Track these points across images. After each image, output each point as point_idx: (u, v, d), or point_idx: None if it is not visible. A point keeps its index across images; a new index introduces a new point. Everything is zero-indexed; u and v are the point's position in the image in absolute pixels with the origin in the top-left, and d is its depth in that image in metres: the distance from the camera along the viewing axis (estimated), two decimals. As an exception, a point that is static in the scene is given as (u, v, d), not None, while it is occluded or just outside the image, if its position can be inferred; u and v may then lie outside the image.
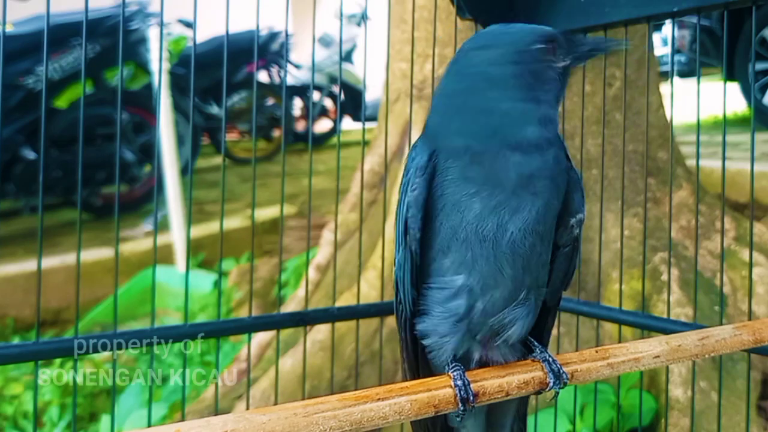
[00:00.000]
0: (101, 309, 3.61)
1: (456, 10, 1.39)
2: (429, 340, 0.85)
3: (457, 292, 0.81)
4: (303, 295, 2.80)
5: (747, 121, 6.05)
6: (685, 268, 2.44)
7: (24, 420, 2.92)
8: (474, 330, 0.83)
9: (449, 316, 0.82)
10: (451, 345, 0.83)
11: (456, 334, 0.83)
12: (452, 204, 0.78)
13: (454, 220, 0.79)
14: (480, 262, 0.79)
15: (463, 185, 0.78)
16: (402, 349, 0.92)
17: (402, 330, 0.90)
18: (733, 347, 0.90)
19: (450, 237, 0.79)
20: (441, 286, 0.82)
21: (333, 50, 7.53)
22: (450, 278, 0.81)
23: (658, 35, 6.45)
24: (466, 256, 0.79)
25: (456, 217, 0.78)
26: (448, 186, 0.79)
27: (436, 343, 0.84)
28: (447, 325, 0.83)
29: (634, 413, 2.11)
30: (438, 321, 0.83)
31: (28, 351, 1.15)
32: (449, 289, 0.81)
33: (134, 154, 5.24)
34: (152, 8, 5.12)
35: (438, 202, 0.79)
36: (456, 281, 0.81)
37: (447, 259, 0.80)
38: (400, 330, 0.91)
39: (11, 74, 4.58)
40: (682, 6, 1.16)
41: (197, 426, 0.63)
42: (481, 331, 0.84)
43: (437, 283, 0.82)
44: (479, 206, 0.77)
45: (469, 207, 0.77)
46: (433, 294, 0.83)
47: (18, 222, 5.19)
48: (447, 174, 0.79)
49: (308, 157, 1.76)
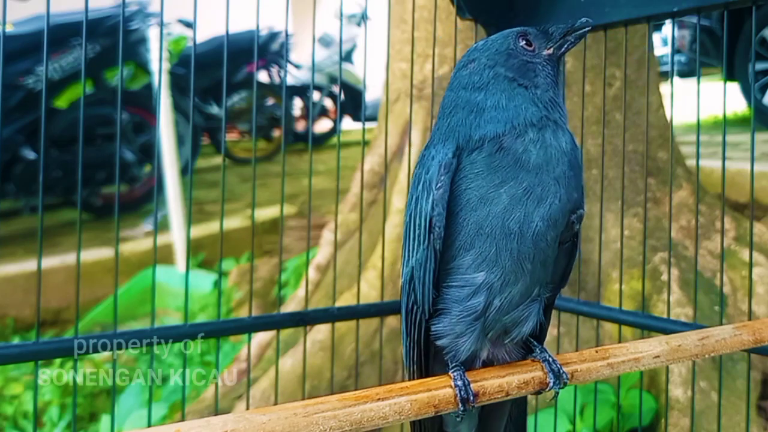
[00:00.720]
0: (101, 309, 3.61)
1: (456, 10, 1.39)
2: (444, 341, 0.84)
3: (477, 290, 0.81)
4: (303, 295, 2.80)
5: (747, 121, 6.05)
6: (685, 268, 2.44)
7: (24, 420, 2.92)
8: (488, 328, 0.83)
9: (467, 315, 0.82)
10: (468, 344, 0.83)
11: (472, 333, 0.82)
12: (479, 198, 0.79)
13: (480, 215, 0.79)
14: (503, 257, 0.79)
15: (491, 176, 0.79)
16: (410, 351, 0.90)
17: (415, 332, 0.88)
18: (733, 347, 0.90)
19: (474, 233, 0.79)
20: (461, 284, 0.81)
21: (333, 50, 7.53)
22: (471, 276, 0.80)
23: (658, 35, 6.45)
24: (490, 252, 0.79)
25: (483, 211, 0.78)
26: (474, 179, 0.79)
27: (453, 343, 0.84)
28: (464, 324, 0.82)
29: (634, 413, 2.11)
30: (456, 320, 0.82)
31: (28, 351, 1.15)
32: (469, 287, 0.81)
33: (134, 154, 5.24)
34: (152, 8, 5.13)
35: (461, 197, 0.80)
36: (477, 278, 0.80)
37: (469, 256, 0.80)
38: (412, 332, 0.88)
39: (11, 74, 4.58)
40: (682, 6, 1.16)
41: (197, 426, 0.63)
42: (495, 329, 0.84)
43: (457, 281, 0.81)
44: (506, 197, 0.78)
45: (498, 198, 0.78)
46: (453, 293, 0.82)
47: (18, 222, 5.19)
48: (472, 168, 0.79)
49: (308, 157, 1.76)
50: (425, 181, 0.82)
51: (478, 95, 0.83)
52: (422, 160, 0.85)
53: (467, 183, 0.79)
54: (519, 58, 0.84)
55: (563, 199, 0.80)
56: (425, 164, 0.83)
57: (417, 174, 0.85)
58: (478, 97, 0.83)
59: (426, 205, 0.81)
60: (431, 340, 0.86)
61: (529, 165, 0.79)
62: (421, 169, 0.84)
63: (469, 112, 0.82)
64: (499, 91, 0.82)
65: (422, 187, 0.82)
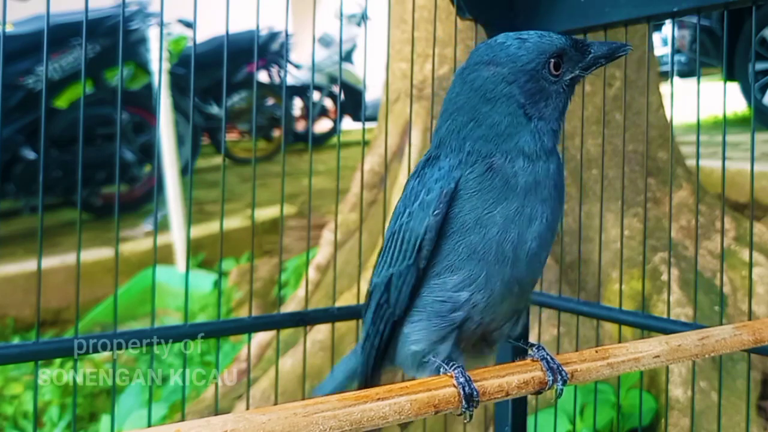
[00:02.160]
0: (101, 309, 3.61)
1: (456, 10, 1.39)
2: (418, 346, 0.84)
3: (459, 306, 0.81)
4: (303, 295, 2.80)
5: (747, 121, 6.05)
6: (685, 268, 2.44)
7: (24, 420, 2.92)
8: (462, 338, 0.84)
9: (446, 326, 0.82)
10: (445, 351, 0.83)
11: (448, 341, 0.83)
12: (473, 221, 0.78)
13: (473, 239, 0.78)
14: (493, 281, 0.79)
15: (483, 198, 0.78)
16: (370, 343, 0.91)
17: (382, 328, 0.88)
18: (733, 347, 0.90)
19: (466, 257, 0.78)
20: (443, 299, 0.81)
21: (333, 50, 7.53)
22: (455, 293, 0.80)
23: (658, 35, 6.46)
24: (479, 276, 0.78)
25: (477, 235, 0.78)
26: (468, 201, 0.78)
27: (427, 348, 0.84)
28: (441, 334, 0.82)
29: (634, 413, 2.11)
30: (435, 329, 0.82)
31: (28, 351, 1.15)
32: (452, 303, 0.81)
33: (134, 154, 5.24)
34: (152, 8, 5.13)
35: (455, 221, 0.79)
36: (461, 297, 0.80)
37: (456, 277, 0.80)
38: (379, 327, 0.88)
39: (11, 74, 4.59)
40: (682, 6, 1.16)
41: (197, 426, 0.63)
42: (469, 339, 0.84)
43: (440, 296, 0.81)
44: (500, 218, 0.77)
45: (492, 221, 0.77)
46: (433, 305, 0.82)
47: (18, 222, 5.19)
48: (466, 189, 0.79)
49: (308, 157, 1.76)
50: (423, 201, 0.80)
51: (485, 107, 0.80)
52: (422, 173, 0.83)
53: (461, 205, 0.79)
54: (539, 83, 0.80)
55: (549, 219, 0.80)
56: (426, 183, 0.81)
57: (414, 187, 0.83)
58: (484, 109, 0.80)
59: (419, 226, 0.80)
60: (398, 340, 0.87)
61: (517, 188, 0.78)
62: (420, 185, 0.82)
63: (470, 119, 0.81)
64: (504, 114, 0.80)
65: (419, 207, 0.81)
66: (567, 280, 2.29)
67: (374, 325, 0.90)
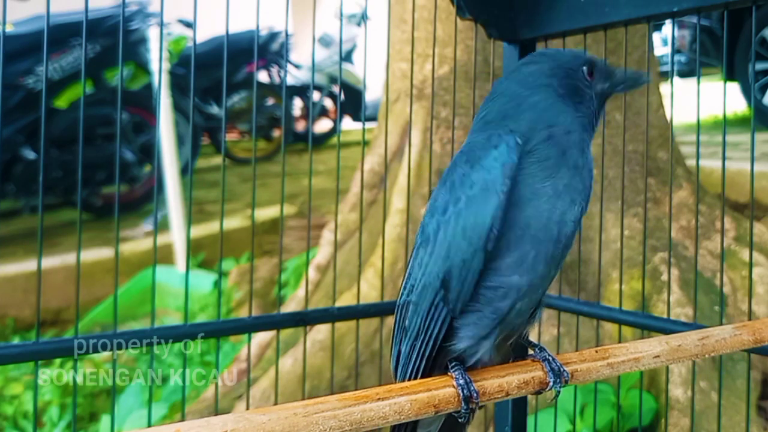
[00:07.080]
0: (101, 309, 3.61)
1: (456, 10, 1.39)
2: (464, 344, 0.80)
3: (508, 292, 0.78)
4: (303, 295, 2.80)
5: (747, 121, 6.05)
6: (685, 268, 2.44)
7: (24, 420, 2.92)
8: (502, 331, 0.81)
9: (495, 318, 0.79)
10: (487, 347, 0.81)
11: (492, 336, 0.80)
12: (529, 195, 0.77)
13: (528, 214, 0.77)
14: (539, 260, 0.78)
15: (542, 165, 0.78)
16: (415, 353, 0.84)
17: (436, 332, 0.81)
18: (733, 347, 0.90)
19: (521, 233, 0.77)
20: (497, 284, 0.78)
21: (333, 50, 7.53)
22: (507, 278, 0.78)
23: (658, 35, 6.46)
24: (530, 255, 0.77)
25: (531, 209, 0.77)
26: (527, 172, 0.78)
27: (473, 346, 0.81)
28: (488, 327, 0.80)
29: (634, 413, 2.11)
30: (484, 323, 0.80)
31: (28, 351, 1.15)
32: (503, 289, 0.78)
33: (134, 154, 5.24)
34: (152, 8, 5.12)
35: (513, 196, 0.77)
36: (512, 280, 0.78)
37: (509, 258, 0.78)
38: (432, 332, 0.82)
39: (11, 74, 4.59)
40: (682, 6, 1.16)
41: (197, 426, 0.63)
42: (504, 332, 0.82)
43: (493, 282, 0.78)
44: (552, 190, 0.78)
45: (544, 194, 0.78)
46: (487, 294, 0.79)
47: (18, 222, 5.19)
48: (526, 162, 0.78)
49: (308, 157, 1.76)
50: (485, 181, 0.77)
51: (524, 92, 0.84)
52: (474, 154, 0.80)
53: (520, 178, 0.77)
54: (575, 81, 0.85)
55: (583, 209, 0.81)
56: (482, 162, 0.79)
57: (466, 173, 0.80)
58: (524, 93, 0.84)
59: (484, 207, 0.77)
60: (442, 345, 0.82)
61: (570, 162, 0.79)
62: (475, 170, 0.79)
63: (513, 103, 0.84)
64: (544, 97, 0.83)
65: (480, 189, 0.78)
66: (567, 280, 2.29)
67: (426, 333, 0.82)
